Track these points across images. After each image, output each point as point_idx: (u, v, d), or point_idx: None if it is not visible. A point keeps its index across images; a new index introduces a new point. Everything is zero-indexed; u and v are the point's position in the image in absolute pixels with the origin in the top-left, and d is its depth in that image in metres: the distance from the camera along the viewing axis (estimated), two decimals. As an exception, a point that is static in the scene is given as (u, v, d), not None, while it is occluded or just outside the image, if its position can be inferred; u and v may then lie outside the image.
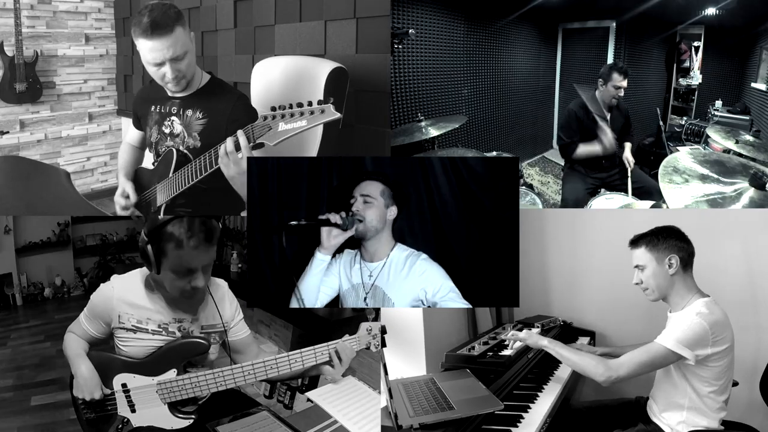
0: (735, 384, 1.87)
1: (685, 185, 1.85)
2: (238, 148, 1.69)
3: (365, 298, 1.64)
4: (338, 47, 2.76)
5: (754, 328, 2.14)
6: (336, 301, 1.70)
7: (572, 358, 1.68)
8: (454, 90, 4.04)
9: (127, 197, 2.15)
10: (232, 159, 1.70)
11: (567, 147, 2.96)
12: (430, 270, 1.60)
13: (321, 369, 1.68)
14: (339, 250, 1.66)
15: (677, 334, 1.56)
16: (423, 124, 2.97)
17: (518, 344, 1.92)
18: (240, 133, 1.69)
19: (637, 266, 1.72)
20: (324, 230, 1.58)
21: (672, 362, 1.58)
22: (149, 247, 1.48)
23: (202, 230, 1.47)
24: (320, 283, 1.63)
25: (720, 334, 1.56)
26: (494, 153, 3.64)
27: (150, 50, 1.85)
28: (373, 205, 1.62)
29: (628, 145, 2.95)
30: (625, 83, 2.85)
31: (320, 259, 1.61)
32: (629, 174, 2.84)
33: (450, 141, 3.72)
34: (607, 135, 2.83)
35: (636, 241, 1.73)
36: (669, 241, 1.67)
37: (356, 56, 2.66)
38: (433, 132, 2.93)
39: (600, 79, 2.89)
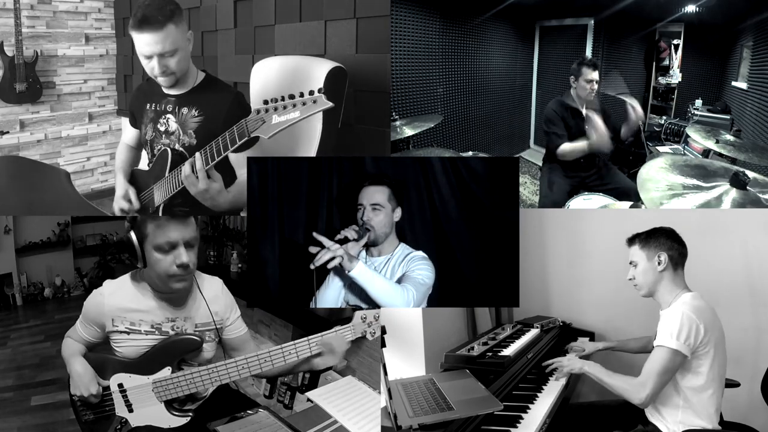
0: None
1: (666, 201, 1.86)
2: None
3: None
4: (338, 47, 2.76)
5: (754, 329, 2.13)
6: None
7: (608, 381, 1.71)
8: (429, 89, 4.00)
9: (130, 201, 2.12)
10: (191, 181, 1.75)
11: (556, 139, 2.78)
12: (420, 262, 1.65)
13: (313, 363, 1.66)
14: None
15: (669, 330, 1.60)
16: (398, 123, 2.93)
17: (564, 371, 1.93)
18: (197, 155, 1.75)
19: (631, 262, 1.80)
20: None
21: (681, 361, 1.60)
22: (132, 233, 1.51)
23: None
24: (339, 296, 1.67)
25: (705, 321, 1.61)
26: (470, 153, 3.60)
27: (140, 43, 1.89)
28: (382, 212, 1.67)
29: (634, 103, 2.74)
30: (596, 75, 2.75)
31: (340, 278, 1.65)
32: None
33: (425, 141, 3.69)
34: (598, 126, 2.67)
35: (632, 239, 1.81)
36: (660, 239, 1.75)
37: (356, 56, 2.66)
38: (408, 132, 2.90)
39: (572, 77, 2.84)
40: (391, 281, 1.61)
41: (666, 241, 1.74)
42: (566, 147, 2.77)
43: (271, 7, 3.10)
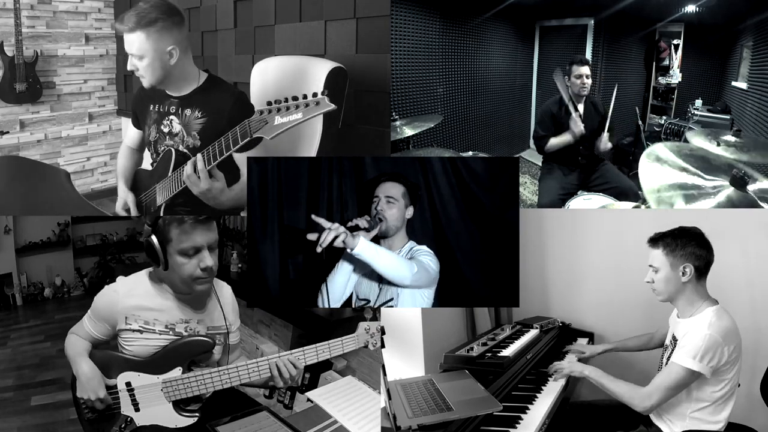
0: (737, 386, 1.87)
1: (665, 166, 1.83)
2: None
3: (379, 287, 1.69)
4: (338, 47, 2.76)
5: (753, 330, 2.13)
6: (350, 300, 1.74)
7: (611, 387, 1.69)
8: (429, 89, 4.00)
9: (128, 211, 2.18)
10: (192, 180, 1.76)
11: (539, 140, 2.96)
12: (426, 252, 1.69)
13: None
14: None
15: (692, 351, 1.54)
16: (398, 123, 2.92)
17: (564, 372, 1.91)
18: (198, 156, 1.77)
19: (651, 266, 1.70)
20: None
21: (694, 380, 1.57)
22: (154, 237, 1.51)
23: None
24: (348, 281, 1.70)
25: (731, 343, 1.56)
26: (470, 153, 3.61)
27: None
28: (395, 205, 1.71)
29: (605, 134, 2.88)
30: (585, 70, 2.84)
31: (349, 262, 1.68)
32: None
33: (425, 141, 3.70)
34: (577, 123, 2.82)
35: (656, 241, 1.69)
36: (687, 248, 1.63)
37: (356, 56, 2.66)
38: (408, 132, 2.90)
39: (565, 77, 2.91)
40: (395, 254, 1.64)
41: (694, 250, 1.62)
42: (552, 142, 2.91)
43: (271, 7, 3.10)
